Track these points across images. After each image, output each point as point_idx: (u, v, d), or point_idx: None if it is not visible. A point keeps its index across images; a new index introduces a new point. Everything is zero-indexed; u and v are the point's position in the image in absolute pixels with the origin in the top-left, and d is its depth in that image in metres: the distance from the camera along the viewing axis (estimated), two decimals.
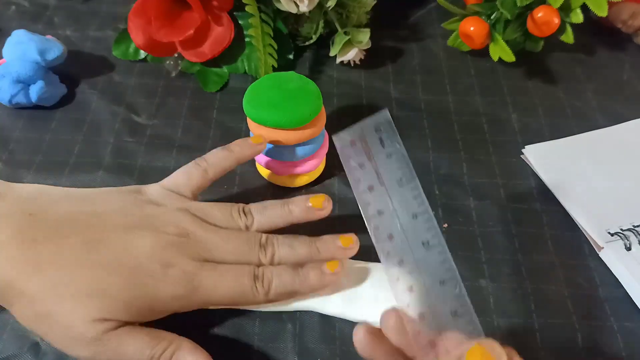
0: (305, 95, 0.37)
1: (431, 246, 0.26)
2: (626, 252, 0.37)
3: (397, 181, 0.27)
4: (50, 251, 0.29)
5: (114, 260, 0.29)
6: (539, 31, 0.47)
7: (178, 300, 0.30)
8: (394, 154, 0.27)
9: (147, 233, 0.31)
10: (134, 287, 0.29)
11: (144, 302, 0.29)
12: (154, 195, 0.34)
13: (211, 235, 0.32)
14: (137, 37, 0.46)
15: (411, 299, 0.26)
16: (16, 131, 0.45)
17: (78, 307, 0.28)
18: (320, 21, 0.49)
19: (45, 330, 0.29)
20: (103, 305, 0.28)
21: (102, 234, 0.30)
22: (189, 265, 0.30)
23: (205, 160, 0.36)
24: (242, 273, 0.31)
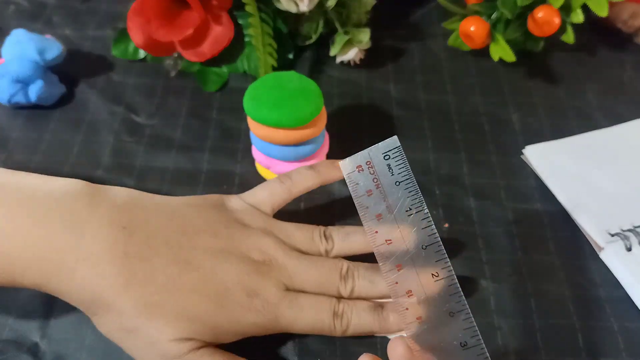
0: (306, 94, 0.37)
1: (441, 278, 0.26)
2: (627, 253, 0.37)
3: (406, 210, 0.26)
4: (141, 268, 0.29)
5: (201, 284, 0.30)
6: (539, 31, 0.47)
7: (259, 327, 0.31)
8: (403, 181, 0.26)
9: (233, 258, 0.31)
10: (220, 312, 0.30)
11: (227, 327, 0.30)
12: (238, 212, 0.34)
13: (293, 263, 0.33)
14: (136, 36, 0.46)
15: (420, 330, 0.26)
16: (15, 131, 0.45)
17: (165, 327, 0.29)
18: (320, 21, 0.49)
19: (129, 344, 0.30)
20: (189, 327, 0.29)
21: (192, 255, 0.31)
22: (271, 296, 0.31)
23: (289, 178, 0.36)
24: (322, 309, 0.32)
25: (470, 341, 0.25)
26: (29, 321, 0.34)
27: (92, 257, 0.29)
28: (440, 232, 0.39)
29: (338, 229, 0.35)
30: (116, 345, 0.32)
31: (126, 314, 0.29)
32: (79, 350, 0.33)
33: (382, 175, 0.27)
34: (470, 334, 0.25)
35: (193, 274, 0.30)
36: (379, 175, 0.27)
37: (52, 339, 0.33)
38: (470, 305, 0.35)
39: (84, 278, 0.29)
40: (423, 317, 0.26)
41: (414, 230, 0.26)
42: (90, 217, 0.30)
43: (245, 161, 0.43)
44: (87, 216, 0.30)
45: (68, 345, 0.33)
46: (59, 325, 0.34)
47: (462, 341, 0.26)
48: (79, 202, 0.30)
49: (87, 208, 0.30)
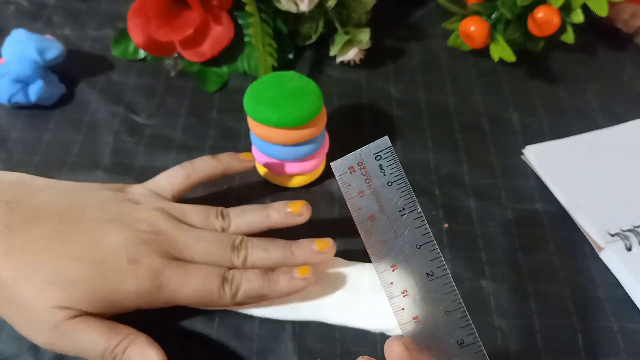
0: (306, 94, 0.37)
1: (436, 277, 0.26)
2: (627, 253, 0.37)
3: (399, 210, 0.26)
4: (21, 238, 0.29)
5: (82, 252, 0.30)
6: (539, 31, 0.47)
7: (141, 296, 0.30)
8: (395, 181, 0.26)
9: (118, 228, 0.31)
10: (98, 279, 0.29)
11: (106, 295, 0.30)
12: (135, 195, 0.34)
13: (183, 234, 0.32)
14: (136, 36, 0.46)
15: (416, 329, 0.26)
16: (15, 131, 0.45)
17: (41, 294, 0.29)
18: (320, 21, 0.49)
19: (10, 314, 0.29)
20: (65, 294, 0.29)
21: (75, 225, 0.31)
22: (155, 262, 0.30)
23: (191, 165, 0.36)
24: (210, 274, 0.31)
25: (467, 339, 0.26)
26: None
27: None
28: (440, 232, 0.39)
29: (235, 208, 0.35)
30: None
31: (5, 284, 0.29)
32: None
33: (374, 176, 0.27)
34: (466, 332, 0.26)
35: (75, 241, 0.30)
36: (371, 176, 0.27)
37: None
38: (470, 305, 0.35)
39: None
40: (419, 316, 0.26)
41: (407, 230, 0.26)
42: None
43: None
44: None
45: None
46: None
47: (459, 339, 0.26)
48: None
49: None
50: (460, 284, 0.36)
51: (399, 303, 0.26)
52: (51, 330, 0.28)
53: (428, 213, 0.40)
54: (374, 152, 0.27)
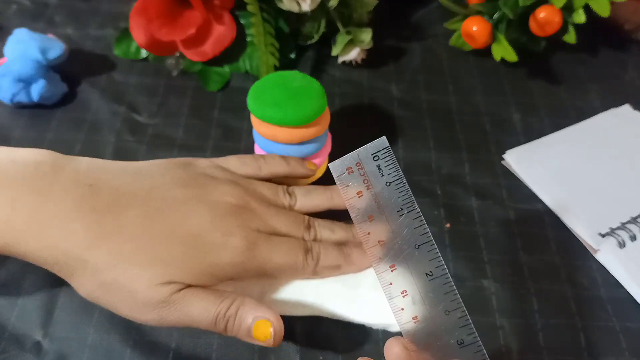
0: (309, 93, 0.37)
1: (435, 277, 0.26)
2: (620, 250, 0.37)
3: (397, 211, 0.26)
4: (111, 222, 0.29)
5: (174, 230, 0.30)
6: (541, 31, 0.47)
7: (236, 266, 0.31)
8: (393, 181, 0.27)
9: (204, 203, 0.32)
10: (196, 253, 0.30)
11: (205, 268, 0.30)
12: (206, 169, 0.35)
13: (264, 208, 0.34)
14: (138, 36, 0.46)
15: (416, 329, 0.26)
16: (17, 130, 0.45)
17: (143, 273, 0.29)
18: (322, 20, 0.49)
19: (111, 298, 0.29)
20: (167, 271, 0.29)
21: (162, 205, 0.31)
22: (247, 234, 0.32)
23: (263, 159, 0.37)
24: (295, 245, 0.33)
25: (467, 339, 0.26)
26: (31, 320, 0.34)
27: (60, 216, 0.29)
28: (441, 232, 0.39)
29: (300, 187, 0.37)
30: (118, 344, 0.33)
31: (102, 268, 0.29)
32: (80, 349, 0.33)
33: (372, 177, 0.27)
34: (466, 332, 0.26)
35: (165, 220, 0.30)
36: (369, 177, 0.27)
37: (54, 337, 0.33)
38: (472, 305, 0.35)
39: (54, 237, 0.28)
40: (419, 316, 0.26)
41: (406, 230, 0.26)
42: (55, 179, 0.30)
43: None
44: (52, 179, 0.30)
45: (70, 344, 0.33)
46: (61, 324, 0.34)
47: (458, 339, 0.26)
48: (42, 167, 0.30)
49: (52, 171, 0.30)
50: (462, 284, 0.36)
51: (398, 303, 0.26)
52: (160, 306, 0.29)
53: (429, 213, 0.40)
54: (372, 153, 0.27)
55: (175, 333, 0.33)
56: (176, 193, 0.32)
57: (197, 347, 0.33)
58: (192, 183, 0.33)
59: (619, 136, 0.45)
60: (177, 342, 0.33)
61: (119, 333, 0.33)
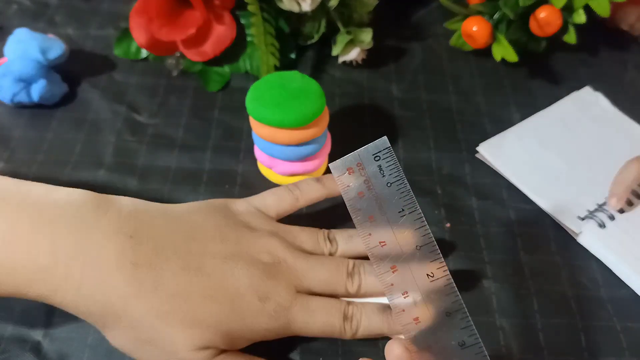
0: (308, 94, 0.37)
1: (436, 278, 0.26)
2: (601, 231, 0.38)
3: (398, 211, 0.26)
4: (151, 277, 0.29)
5: (212, 291, 0.30)
6: (541, 31, 0.47)
7: (271, 332, 0.31)
8: (394, 182, 0.26)
9: (243, 262, 0.31)
10: (234, 317, 0.30)
11: (241, 333, 0.30)
12: (244, 214, 0.34)
13: (301, 263, 0.33)
14: (138, 36, 0.46)
15: (417, 331, 0.26)
16: (17, 130, 0.45)
17: (180, 335, 0.28)
18: (323, 20, 0.49)
19: (146, 355, 0.29)
20: (204, 335, 0.29)
21: (201, 261, 0.30)
22: (283, 299, 0.31)
23: (298, 188, 0.36)
24: (333, 312, 0.32)
25: (468, 340, 0.26)
26: (32, 320, 0.34)
27: (100, 266, 0.28)
28: (442, 232, 0.39)
29: (341, 231, 0.36)
30: None
31: (138, 325, 0.28)
32: (81, 349, 0.33)
33: (373, 177, 0.26)
34: (467, 333, 0.25)
35: (204, 280, 0.30)
36: (370, 177, 0.26)
37: (55, 337, 0.33)
38: (472, 305, 0.35)
39: (92, 288, 0.28)
40: (420, 317, 0.26)
41: (407, 231, 0.26)
42: (96, 226, 0.29)
43: (247, 161, 0.43)
44: (93, 224, 0.29)
45: (71, 344, 0.33)
46: (62, 324, 0.34)
47: (460, 341, 0.26)
48: (84, 211, 0.29)
49: (93, 216, 0.29)
50: (462, 284, 0.36)
51: (399, 304, 0.26)
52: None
53: (430, 213, 0.40)
54: (373, 153, 0.26)
55: None
56: (215, 248, 0.31)
57: None
58: (231, 236, 0.32)
59: (583, 119, 0.46)
60: None
61: None
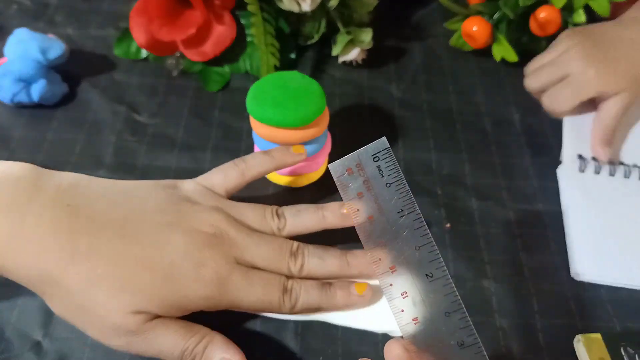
0: (308, 94, 0.37)
1: (435, 278, 0.26)
2: (578, 173, 0.40)
3: (397, 212, 0.26)
4: (86, 243, 0.29)
5: (148, 257, 0.30)
6: (541, 31, 0.47)
7: (207, 300, 0.31)
8: (393, 183, 0.26)
9: (181, 231, 0.31)
10: (167, 284, 0.30)
11: (175, 300, 0.30)
12: (190, 192, 0.34)
13: (244, 237, 0.32)
14: (138, 36, 0.46)
15: (416, 330, 0.26)
16: (17, 130, 0.45)
17: (111, 300, 0.29)
18: (323, 20, 0.49)
19: (81, 320, 0.29)
20: (136, 300, 0.29)
21: (137, 230, 0.30)
22: (221, 267, 0.31)
23: (244, 162, 0.36)
24: (272, 284, 0.32)
25: (467, 340, 0.26)
26: (32, 320, 0.34)
27: (37, 234, 0.29)
28: (442, 232, 0.39)
29: (290, 207, 0.35)
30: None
31: (73, 290, 0.29)
32: (81, 349, 0.33)
33: (372, 178, 0.26)
34: (466, 333, 0.26)
35: (139, 247, 0.30)
36: (370, 178, 0.27)
37: (55, 337, 0.33)
38: (472, 305, 0.35)
39: (30, 256, 0.28)
40: (419, 317, 0.26)
41: (406, 231, 0.26)
42: (35, 197, 0.29)
43: None
44: (32, 196, 0.29)
45: (70, 344, 0.33)
46: (62, 324, 0.33)
47: (459, 340, 0.26)
48: (24, 183, 0.30)
49: (32, 188, 0.30)
50: (462, 284, 0.36)
51: (398, 304, 0.26)
52: (127, 335, 0.29)
53: (430, 213, 0.40)
54: (372, 154, 0.27)
55: None
56: (154, 218, 0.31)
57: None
58: (172, 209, 0.32)
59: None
60: None
61: None
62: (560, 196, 0.40)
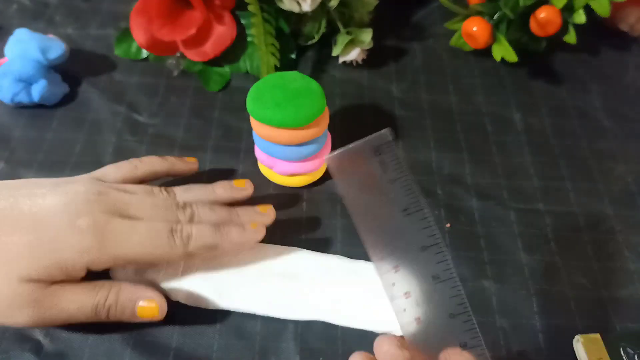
0: (308, 94, 0.37)
1: (442, 280, 0.25)
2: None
3: (402, 210, 0.24)
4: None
5: (21, 223, 0.29)
6: (541, 31, 0.47)
7: (87, 253, 0.29)
8: (398, 179, 0.24)
9: (56, 193, 0.30)
10: (44, 244, 0.28)
11: (54, 258, 0.28)
12: (77, 178, 0.34)
13: (128, 194, 0.32)
14: (138, 36, 0.46)
15: (418, 330, 0.25)
16: (17, 130, 0.45)
17: (1, 274, 0.28)
18: (323, 20, 0.49)
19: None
20: (19, 267, 0.28)
21: (12, 201, 0.30)
22: (99, 216, 0.29)
23: (138, 159, 0.36)
24: (157, 228, 0.30)
25: (471, 342, 0.25)
26: None
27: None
28: (442, 232, 0.39)
29: (180, 186, 0.35)
30: (118, 344, 0.33)
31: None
32: (80, 349, 0.33)
33: (374, 171, 0.24)
34: (470, 336, 0.25)
35: (16, 212, 0.29)
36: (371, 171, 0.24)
37: (55, 337, 0.33)
38: (473, 305, 0.35)
39: None
40: (422, 317, 0.26)
41: (411, 230, 0.25)
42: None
43: (247, 161, 0.43)
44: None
45: (71, 344, 0.33)
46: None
47: (461, 342, 0.25)
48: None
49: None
50: (463, 284, 0.35)
51: (400, 304, 0.26)
52: (28, 307, 0.28)
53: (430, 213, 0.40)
54: (375, 145, 0.24)
55: (176, 333, 0.33)
56: (30, 189, 0.30)
57: (197, 348, 0.33)
58: (48, 182, 0.31)
59: None
60: (177, 343, 0.33)
61: (119, 333, 0.33)
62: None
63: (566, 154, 0.44)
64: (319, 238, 0.38)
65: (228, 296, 0.34)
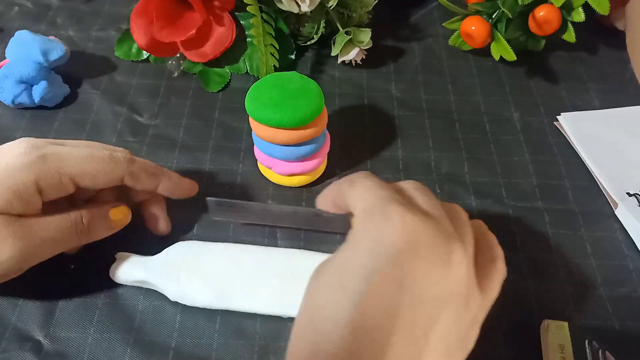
0: (307, 95, 0.37)
1: None
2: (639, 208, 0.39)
3: None
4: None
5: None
6: (540, 30, 0.47)
7: (31, 167, 0.30)
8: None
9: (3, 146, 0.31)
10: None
11: (7, 184, 0.29)
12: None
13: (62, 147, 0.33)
14: (139, 37, 0.47)
15: None
16: (19, 131, 0.45)
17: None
18: (322, 21, 0.49)
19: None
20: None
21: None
22: (38, 142, 0.31)
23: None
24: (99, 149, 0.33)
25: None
26: (32, 319, 0.34)
27: None
28: None
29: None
30: (118, 344, 0.33)
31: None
32: (81, 349, 0.33)
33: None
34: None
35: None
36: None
37: (55, 337, 0.33)
38: None
39: None
40: None
41: None
42: None
43: (247, 161, 0.43)
44: None
45: (70, 344, 0.33)
46: (61, 324, 0.34)
47: None
48: None
49: None
50: None
51: None
52: (11, 235, 0.29)
53: None
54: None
55: (176, 333, 0.34)
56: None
57: (197, 347, 0.33)
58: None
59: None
60: (177, 342, 0.33)
61: (119, 333, 0.33)
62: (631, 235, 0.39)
63: (564, 152, 0.44)
64: (319, 238, 0.38)
65: (228, 296, 0.34)
